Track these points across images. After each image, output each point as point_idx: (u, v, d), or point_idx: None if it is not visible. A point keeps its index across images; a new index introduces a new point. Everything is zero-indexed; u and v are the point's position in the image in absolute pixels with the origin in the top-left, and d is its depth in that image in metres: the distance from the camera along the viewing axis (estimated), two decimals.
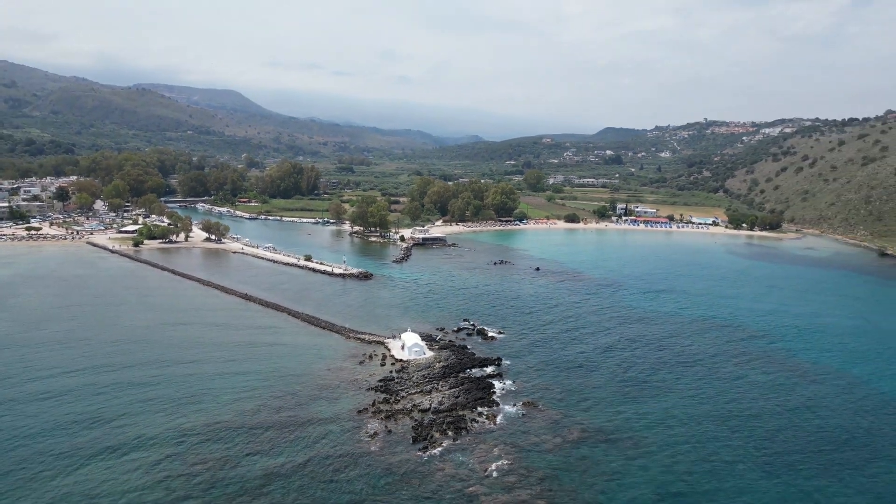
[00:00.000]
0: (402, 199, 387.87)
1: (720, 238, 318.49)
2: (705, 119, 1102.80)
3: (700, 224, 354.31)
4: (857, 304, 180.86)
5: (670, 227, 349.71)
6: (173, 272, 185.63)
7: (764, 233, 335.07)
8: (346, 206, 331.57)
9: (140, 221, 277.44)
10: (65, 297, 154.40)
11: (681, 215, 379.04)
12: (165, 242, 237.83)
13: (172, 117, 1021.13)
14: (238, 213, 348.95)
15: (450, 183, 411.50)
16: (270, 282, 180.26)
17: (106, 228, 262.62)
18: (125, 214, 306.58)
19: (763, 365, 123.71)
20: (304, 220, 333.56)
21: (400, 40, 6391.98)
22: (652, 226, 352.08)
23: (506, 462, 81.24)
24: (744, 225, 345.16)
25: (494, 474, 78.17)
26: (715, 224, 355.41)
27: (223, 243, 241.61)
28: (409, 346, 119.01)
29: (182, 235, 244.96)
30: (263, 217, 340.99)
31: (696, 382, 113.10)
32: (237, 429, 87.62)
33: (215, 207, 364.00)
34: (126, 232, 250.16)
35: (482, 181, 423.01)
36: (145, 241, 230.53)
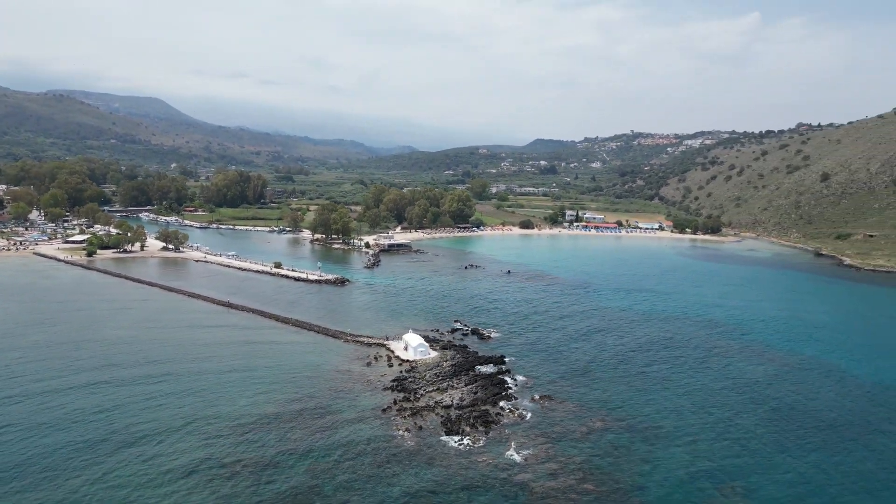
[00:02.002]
0: (353, 208, 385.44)
1: (666, 242, 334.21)
2: (632, 131, 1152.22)
3: (647, 229, 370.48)
4: (810, 298, 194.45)
5: (619, 233, 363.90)
6: (140, 281, 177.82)
7: (706, 236, 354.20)
8: (301, 214, 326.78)
9: (83, 231, 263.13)
10: (35, 307, 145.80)
11: (627, 221, 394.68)
12: (120, 252, 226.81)
13: (94, 125, 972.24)
14: (187, 222, 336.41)
15: (405, 190, 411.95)
16: (245, 289, 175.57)
17: (50, 239, 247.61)
18: (65, 224, 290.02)
19: (745, 356, 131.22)
20: (259, 228, 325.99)
21: (329, 49, 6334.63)
22: (602, 231, 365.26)
23: (542, 451, 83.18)
24: (687, 229, 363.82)
25: (535, 463, 79.96)
26: (661, 229, 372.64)
27: (182, 252, 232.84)
28: (413, 346, 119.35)
29: (137, 245, 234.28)
30: (215, 226, 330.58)
31: (689, 373, 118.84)
32: (263, 431, 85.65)
33: (161, 217, 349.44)
34: (74, 242, 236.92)
35: (436, 189, 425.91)
36: (98, 252, 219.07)
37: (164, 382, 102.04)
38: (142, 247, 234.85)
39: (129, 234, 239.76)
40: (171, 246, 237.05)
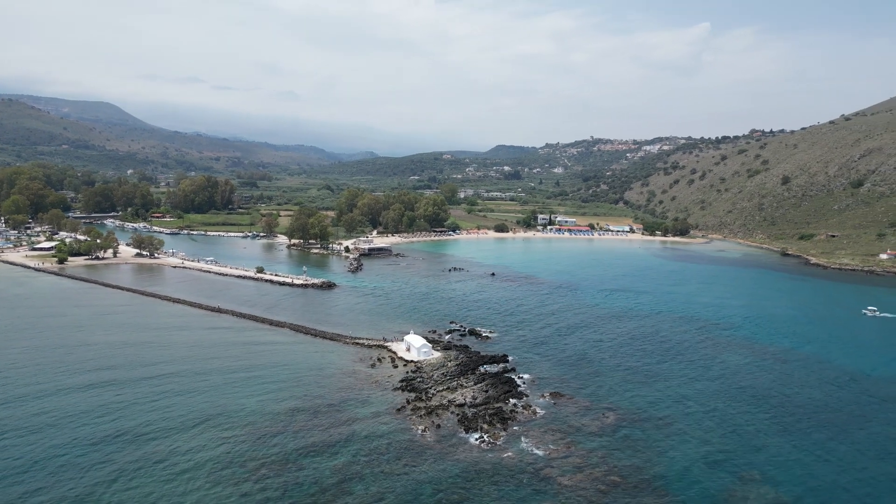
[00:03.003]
0: (324, 213, 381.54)
1: (638, 243, 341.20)
2: (592, 137, 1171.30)
3: (618, 231, 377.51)
4: (785, 295, 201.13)
5: (592, 235, 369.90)
6: (121, 288, 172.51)
7: (675, 238, 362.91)
8: (273, 218, 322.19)
9: (50, 238, 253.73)
10: (14, 314, 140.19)
11: (598, 224, 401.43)
12: (92, 259, 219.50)
13: (45, 130, 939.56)
14: (156, 228, 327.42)
15: (379, 195, 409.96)
16: (231, 294, 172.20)
17: (15, 246, 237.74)
18: (28, 231, 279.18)
19: (734, 350, 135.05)
20: (231, 234, 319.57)
21: (285, 55, 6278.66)
22: (575, 234, 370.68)
23: (562, 446, 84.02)
24: (657, 232, 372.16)
25: (558, 457, 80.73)
26: (631, 231, 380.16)
27: (158, 258, 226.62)
28: (417, 347, 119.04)
29: (109, 252, 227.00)
30: (186, 232, 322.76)
31: (683, 367, 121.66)
32: (280, 433, 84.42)
33: (127, 223, 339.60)
34: (42, 249, 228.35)
35: (411, 193, 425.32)
36: (70, 259, 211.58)
37: (168, 384, 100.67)
38: (114, 253, 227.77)
39: (98, 241, 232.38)
40: (145, 252, 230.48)
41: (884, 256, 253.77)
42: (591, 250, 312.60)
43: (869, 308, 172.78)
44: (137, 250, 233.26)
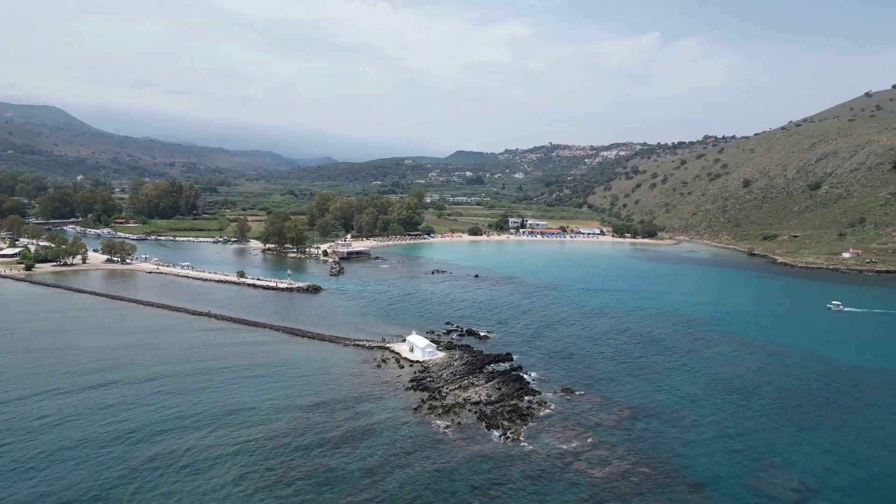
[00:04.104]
0: (293, 217, 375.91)
1: (609, 245, 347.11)
2: (550, 143, 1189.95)
3: (589, 234, 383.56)
4: (758, 292, 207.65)
5: (564, 238, 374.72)
6: (98, 294, 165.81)
7: (644, 240, 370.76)
8: (242, 223, 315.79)
9: (13, 245, 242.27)
10: None
11: (569, 227, 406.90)
12: (60, 265, 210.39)
13: None
14: (120, 234, 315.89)
15: (352, 199, 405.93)
16: (213, 299, 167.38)
17: None
18: None
19: (727, 344, 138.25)
20: (202, 239, 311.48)
21: (239, 59, 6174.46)
22: (548, 237, 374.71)
23: (585, 441, 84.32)
24: (626, 234, 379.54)
25: (584, 451, 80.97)
26: (602, 234, 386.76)
27: (130, 264, 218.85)
28: (421, 347, 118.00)
29: (78, 258, 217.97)
30: (154, 237, 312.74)
31: (682, 362, 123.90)
32: (301, 435, 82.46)
33: (89, 229, 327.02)
34: (5, 256, 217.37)
35: (383, 197, 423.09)
36: (37, 265, 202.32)
37: (170, 384, 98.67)
38: (83, 259, 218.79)
39: (63, 247, 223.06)
40: (116, 258, 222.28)
41: (846, 255, 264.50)
42: (565, 252, 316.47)
43: (833, 303, 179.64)
44: (108, 256, 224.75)
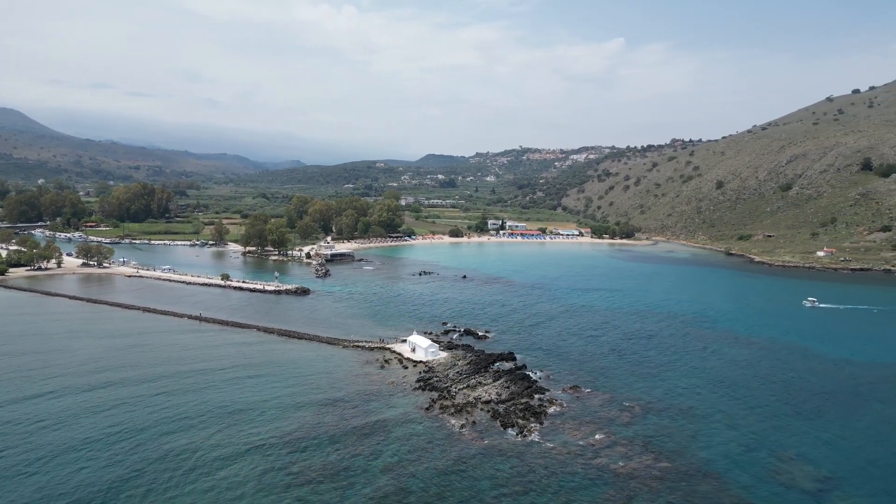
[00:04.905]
0: (269, 220, 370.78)
1: (588, 246, 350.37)
2: (521, 146, 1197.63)
3: (568, 235, 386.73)
4: (740, 290, 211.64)
5: (543, 239, 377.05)
6: (79, 298, 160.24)
7: (622, 240, 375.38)
8: (219, 225, 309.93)
9: None
10: None
11: (548, 228, 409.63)
12: (34, 269, 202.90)
13: None
14: (92, 237, 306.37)
15: (331, 201, 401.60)
16: (199, 301, 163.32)
17: None
18: None
19: (720, 340, 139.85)
20: (178, 242, 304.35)
21: (204, 61, 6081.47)
22: (528, 238, 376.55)
23: (602, 436, 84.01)
24: (605, 235, 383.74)
25: (602, 447, 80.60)
26: (580, 235, 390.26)
27: (107, 268, 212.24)
28: (424, 347, 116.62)
29: (53, 262, 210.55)
30: (127, 241, 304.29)
31: (678, 357, 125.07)
32: (315, 437, 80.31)
33: (59, 233, 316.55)
34: None
35: (363, 199, 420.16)
36: (10, 270, 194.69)
37: (171, 385, 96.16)
38: (58, 264, 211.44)
39: (35, 251, 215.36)
40: (92, 262, 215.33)
41: (821, 254, 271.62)
42: (547, 253, 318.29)
43: (809, 299, 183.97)
44: (84, 260, 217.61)
